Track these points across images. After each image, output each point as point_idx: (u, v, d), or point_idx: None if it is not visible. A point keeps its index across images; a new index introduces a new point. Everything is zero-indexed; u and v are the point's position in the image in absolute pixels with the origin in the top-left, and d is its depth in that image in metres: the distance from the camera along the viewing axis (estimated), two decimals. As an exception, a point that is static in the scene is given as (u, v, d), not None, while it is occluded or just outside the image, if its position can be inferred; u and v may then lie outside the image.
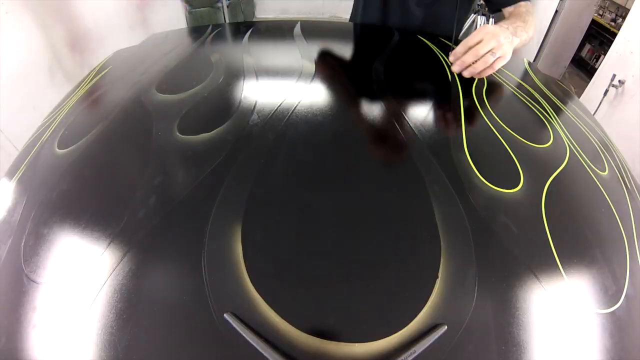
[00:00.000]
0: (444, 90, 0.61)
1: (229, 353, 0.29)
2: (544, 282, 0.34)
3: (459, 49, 0.61)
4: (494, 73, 0.62)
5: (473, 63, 0.60)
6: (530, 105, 0.60)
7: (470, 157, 0.45)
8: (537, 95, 0.63)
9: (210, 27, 0.85)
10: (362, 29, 0.86)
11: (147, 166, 0.44)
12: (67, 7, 1.67)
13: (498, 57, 0.59)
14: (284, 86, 0.58)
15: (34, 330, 0.32)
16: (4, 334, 0.33)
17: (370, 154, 0.48)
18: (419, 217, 0.38)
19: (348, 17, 1.13)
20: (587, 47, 3.02)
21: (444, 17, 0.92)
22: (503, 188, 0.42)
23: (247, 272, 0.33)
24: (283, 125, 0.48)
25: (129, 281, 0.33)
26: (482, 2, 2.15)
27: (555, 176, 0.45)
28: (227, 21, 2.84)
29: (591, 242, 0.40)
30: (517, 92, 0.64)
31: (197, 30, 0.87)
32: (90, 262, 0.35)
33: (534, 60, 2.48)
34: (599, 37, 2.94)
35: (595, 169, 0.49)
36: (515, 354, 0.30)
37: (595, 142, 0.56)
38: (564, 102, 0.65)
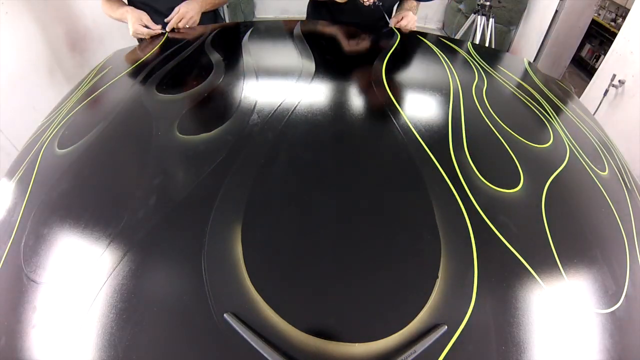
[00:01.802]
0: (444, 90, 0.61)
1: (229, 353, 0.29)
2: (544, 282, 0.34)
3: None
4: (494, 73, 0.62)
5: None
6: (531, 105, 0.60)
7: (471, 157, 0.45)
8: (537, 95, 0.63)
9: (211, 27, 0.85)
10: (361, 29, 0.86)
11: (147, 166, 0.43)
12: (67, 7, 1.67)
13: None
14: (284, 86, 0.58)
15: (34, 330, 0.32)
16: (4, 334, 0.33)
17: (370, 155, 0.48)
18: (419, 217, 0.38)
19: None
20: (587, 47, 3.02)
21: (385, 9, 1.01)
22: (503, 188, 0.42)
23: (247, 272, 0.33)
24: (283, 125, 0.48)
25: (129, 281, 0.33)
26: (481, 2, 2.15)
27: (555, 176, 0.45)
28: (227, 21, 2.83)
29: (591, 242, 0.40)
30: (517, 92, 0.64)
31: (196, 30, 0.87)
32: (90, 262, 0.35)
33: (534, 60, 2.48)
34: (599, 37, 2.93)
35: (595, 169, 0.49)
36: (515, 354, 0.30)
37: (595, 142, 0.56)
38: (564, 102, 0.65)
